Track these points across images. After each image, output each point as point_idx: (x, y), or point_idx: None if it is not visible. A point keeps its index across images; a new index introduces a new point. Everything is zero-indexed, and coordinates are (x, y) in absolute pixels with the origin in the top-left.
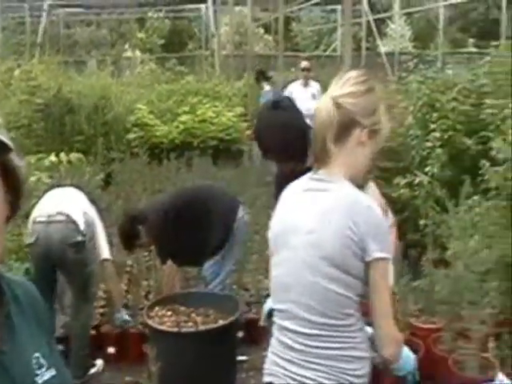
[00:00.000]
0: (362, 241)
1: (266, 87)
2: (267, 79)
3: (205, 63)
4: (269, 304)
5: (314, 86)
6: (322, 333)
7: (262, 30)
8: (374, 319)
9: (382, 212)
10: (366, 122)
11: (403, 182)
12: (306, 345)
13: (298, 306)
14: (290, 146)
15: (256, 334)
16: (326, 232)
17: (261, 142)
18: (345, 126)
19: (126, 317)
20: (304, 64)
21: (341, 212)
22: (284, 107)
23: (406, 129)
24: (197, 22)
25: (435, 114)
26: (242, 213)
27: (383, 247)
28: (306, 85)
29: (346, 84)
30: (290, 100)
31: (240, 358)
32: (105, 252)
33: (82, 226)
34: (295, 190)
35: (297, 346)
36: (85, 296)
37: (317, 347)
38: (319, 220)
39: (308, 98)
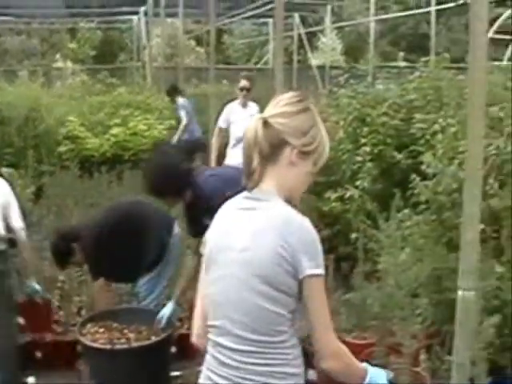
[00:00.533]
0: (294, 259)
1: (180, 100)
2: (180, 93)
3: (136, 75)
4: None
5: (253, 107)
6: (256, 349)
7: (193, 42)
8: (313, 333)
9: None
10: (296, 142)
11: (334, 195)
12: (239, 361)
13: (231, 323)
14: (160, 187)
15: (189, 349)
16: (259, 250)
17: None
18: (275, 146)
19: (37, 286)
20: (243, 83)
21: (273, 230)
22: (162, 151)
23: (337, 143)
24: (128, 33)
25: (366, 129)
26: (177, 229)
27: (316, 264)
28: (244, 105)
29: (278, 104)
30: (170, 145)
31: (173, 373)
32: (18, 221)
33: (1, 232)
34: (229, 208)
35: (231, 362)
36: (7, 308)
37: (250, 363)
38: (252, 238)
39: (247, 119)
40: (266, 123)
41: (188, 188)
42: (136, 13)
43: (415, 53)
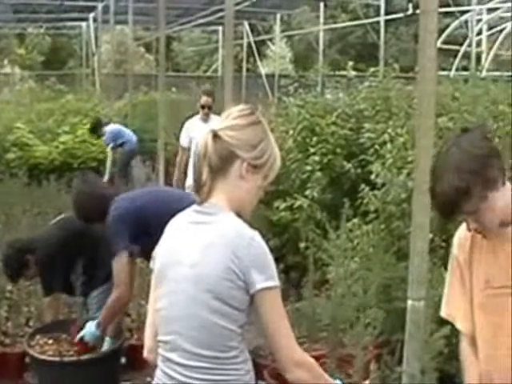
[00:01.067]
0: (244, 273)
1: (108, 130)
2: (104, 125)
3: (85, 82)
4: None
5: (216, 121)
6: (206, 365)
7: (143, 49)
8: (274, 345)
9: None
10: (246, 155)
11: (283, 205)
12: (190, 377)
13: (181, 338)
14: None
15: (139, 359)
16: (209, 265)
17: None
18: (224, 159)
19: None
20: (204, 100)
21: (223, 245)
22: (85, 180)
23: (286, 152)
24: (77, 39)
25: (315, 138)
26: None
27: (268, 276)
28: (206, 120)
29: (228, 117)
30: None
31: None
32: None
33: None
34: (179, 222)
35: (180, 377)
36: None
37: (200, 379)
38: (202, 253)
39: None
40: (215, 136)
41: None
42: (85, 19)
43: (364, 62)
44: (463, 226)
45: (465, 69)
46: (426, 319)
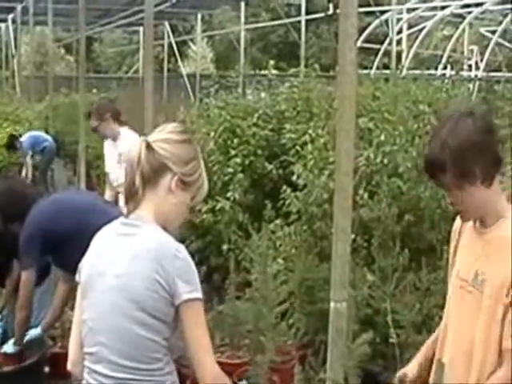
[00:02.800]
0: (169, 285)
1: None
2: (17, 139)
3: (5, 85)
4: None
5: (124, 139)
6: (132, 377)
7: (63, 51)
8: (192, 356)
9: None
10: (177, 169)
11: (205, 207)
12: None
13: (107, 350)
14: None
15: (63, 368)
16: (134, 276)
17: None
18: (155, 170)
19: None
20: (91, 123)
21: (148, 257)
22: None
23: (208, 154)
24: None
25: (236, 140)
26: None
27: (193, 288)
28: (114, 139)
29: (163, 131)
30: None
31: None
32: None
33: None
34: (106, 234)
35: None
36: None
37: None
38: (128, 264)
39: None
40: (148, 146)
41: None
42: (4, 20)
43: (286, 60)
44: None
45: (386, 67)
46: (349, 319)
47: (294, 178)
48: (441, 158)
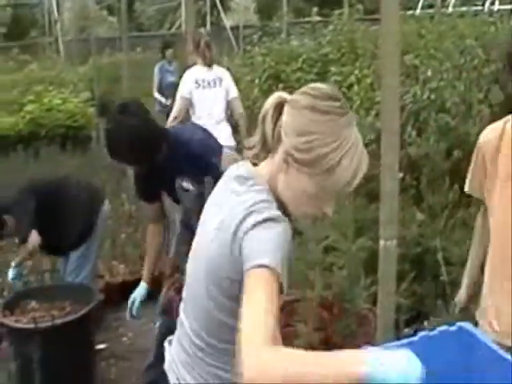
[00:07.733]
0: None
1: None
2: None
3: (49, 50)
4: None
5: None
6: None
7: (105, 13)
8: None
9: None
10: (287, 140)
11: None
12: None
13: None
14: (135, 151)
15: (115, 296)
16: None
17: (108, 145)
18: (277, 135)
19: None
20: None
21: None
22: (131, 112)
23: (253, 101)
24: (39, 7)
25: (281, 85)
26: (106, 205)
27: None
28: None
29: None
30: (137, 105)
31: (99, 346)
32: None
33: None
34: (225, 179)
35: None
36: None
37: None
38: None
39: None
40: (278, 104)
41: (163, 141)
42: None
43: (329, 7)
44: (492, 126)
45: (431, 6)
46: (399, 258)
47: None
48: None
